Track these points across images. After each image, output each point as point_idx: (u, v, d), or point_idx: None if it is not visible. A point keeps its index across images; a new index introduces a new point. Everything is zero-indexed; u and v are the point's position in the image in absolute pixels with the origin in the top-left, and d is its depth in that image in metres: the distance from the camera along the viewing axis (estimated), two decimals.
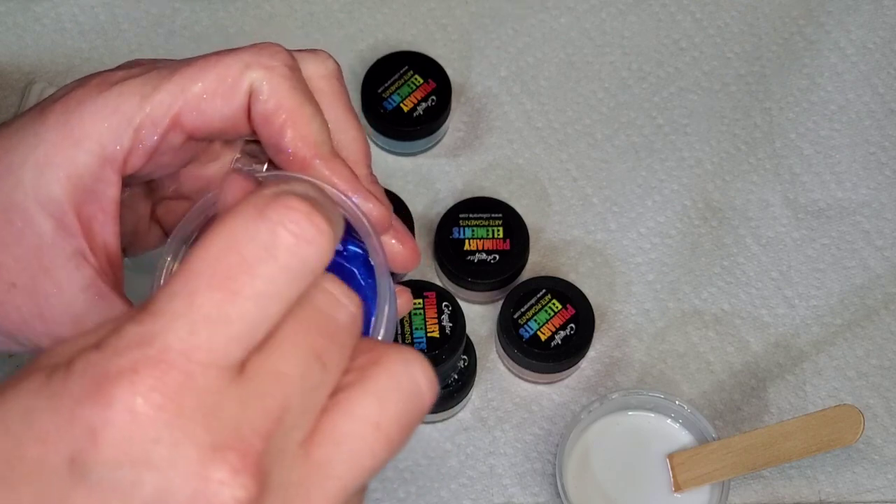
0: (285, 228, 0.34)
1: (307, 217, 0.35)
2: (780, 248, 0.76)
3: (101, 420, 0.33)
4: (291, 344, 0.35)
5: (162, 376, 0.33)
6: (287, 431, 0.34)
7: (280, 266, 0.34)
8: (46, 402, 0.34)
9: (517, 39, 0.81)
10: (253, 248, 0.34)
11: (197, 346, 0.33)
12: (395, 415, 0.36)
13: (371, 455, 0.35)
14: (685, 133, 0.79)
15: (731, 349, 0.73)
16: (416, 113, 0.75)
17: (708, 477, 0.67)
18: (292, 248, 0.34)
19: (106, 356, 0.33)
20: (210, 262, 0.34)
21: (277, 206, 0.34)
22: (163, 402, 0.33)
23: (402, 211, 0.72)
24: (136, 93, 0.46)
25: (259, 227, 0.34)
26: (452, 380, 0.69)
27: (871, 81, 0.81)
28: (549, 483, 0.70)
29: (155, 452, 0.33)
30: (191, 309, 0.34)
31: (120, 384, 0.33)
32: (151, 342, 0.33)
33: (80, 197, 0.46)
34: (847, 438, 0.66)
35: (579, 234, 0.76)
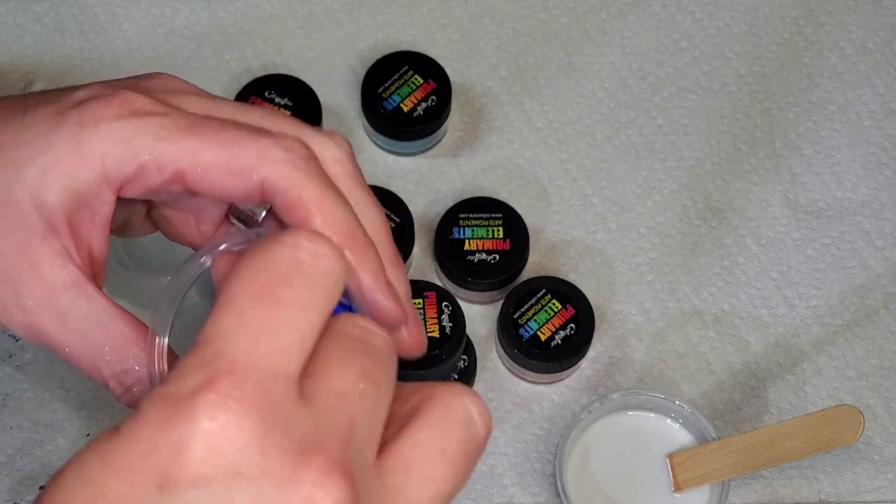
0: (302, 247, 0.37)
1: (317, 237, 0.38)
2: (780, 248, 0.76)
3: (185, 437, 0.33)
4: (341, 365, 0.37)
5: (238, 385, 0.33)
6: (359, 446, 0.35)
7: (308, 276, 0.37)
8: (121, 443, 0.33)
9: (517, 39, 0.81)
10: (280, 265, 0.36)
11: (260, 355, 0.34)
12: (457, 442, 0.38)
13: (441, 480, 0.37)
14: (685, 133, 0.79)
15: (731, 349, 0.73)
16: (416, 113, 0.75)
17: (708, 477, 0.67)
18: (313, 260, 0.37)
19: (174, 385, 0.34)
20: (246, 284, 0.36)
21: (290, 232, 0.37)
22: (243, 410, 0.33)
23: (402, 211, 0.72)
24: (151, 133, 0.46)
25: (279, 249, 0.37)
26: (452, 380, 0.69)
27: (871, 81, 0.81)
28: (549, 483, 0.70)
29: (244, 462, 0.33)
30: (243, 324, 0.35)
31: (199, 399, 0.33)
32: (218, 359, 0.34)
33: (75, 206, 0.47)
34: (847, 438, 0.66)
35: (579, 234, 0.76)
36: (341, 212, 0.47)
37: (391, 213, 0.72)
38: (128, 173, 0.47)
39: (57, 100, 0.48)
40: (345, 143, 0.50)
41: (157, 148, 0.46)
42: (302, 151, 0.47)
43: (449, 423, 0.38)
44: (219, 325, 0.35)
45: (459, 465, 0.38)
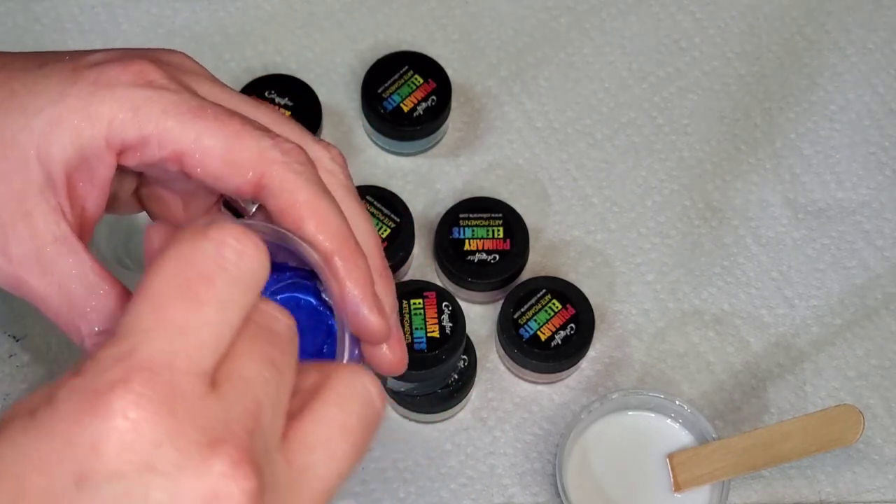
0: (228, 244, 0.37)
1: (244, 235, 0.38)
2: (780, 248, 0.76)
3: (101, 433, 0.33)
4: (248, 353, 0.37)
5: (151, 384, 0.34)
6: (265, 431, 0.36)
7: (232, 276, 0.37)
8: (38, 435, 0.34)
9: (517, 39, 0.81)
10: (205, 262, 0.37)
11: (175, 353, 0.35)
12: (357, 418, 0.39)
13: (343, 457, 0.38)
14: (685, 133, 0.79)
15: (731, 349, 0.73)
16: (416, 113, 0.75)
17: (708, 477, 0.67)
18: (238, 260, 0.37)
19: (89, 378, 0.35)
20: (169, 279, 0.36)
21: (216, 227, 0.38)
22: (157, 407, 0.34)
23: (402, 211, 0.72)
24: (159, 106, 0.47)
25: (205, 245, 0.37)
26: (452, 380, 0.69)
27: (871, 81, 0.81)
28: (549, 483, 0.70)
29: (159, 457, 0.34)
30: (162, 322, 0.36)
31: (113, 395, 0.34)
32: (133, 355, 0.35)
33: (75, 164, 0.47)
34: (847, 438, 0.66)
35: (579, 234, 0.76)
36: (334, 218, 0.47)
37: (391, 213, 0.72)
38: (130, 141, 0.47)
39: (75, 58, 0.49)
40: (340, 156, 0.51)
41: (162, 122, 0.47)
42: (300, 156, 0.47)
43: (349, 401, 0.39)
44: (138, 319, 0.36)
45: (360, 441, 0.39)
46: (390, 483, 0.70)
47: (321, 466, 0.38)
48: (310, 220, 0.47)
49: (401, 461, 0.70)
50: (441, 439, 0.71)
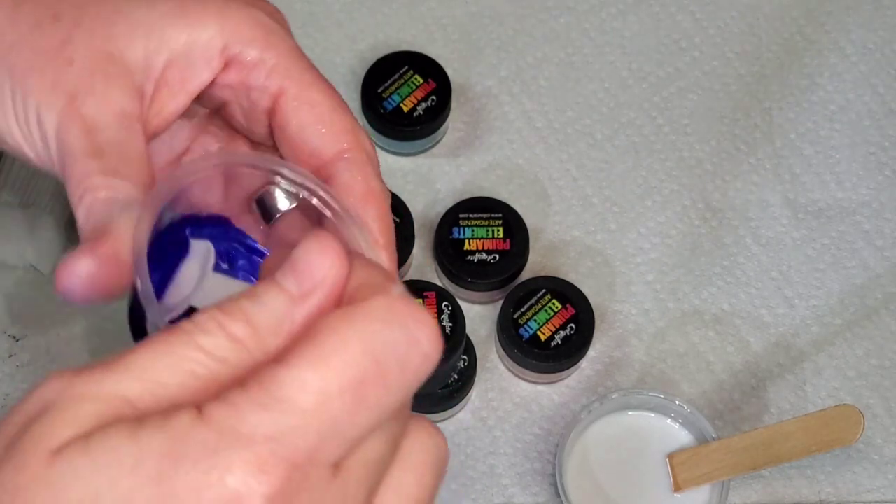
0: (421, 344, 0.35)
1: (437, 335, 0.35)
2: (780, 248, 0.76)
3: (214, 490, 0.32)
4: (384, 430, 0.35)
5: (284, 475, 0.32)
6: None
7: (407, 382, 0.35)
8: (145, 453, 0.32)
9: (517, 39, 0.81)
10: (389, 360, 0.34)
11: (321, 449, 0.33)
12: (431, 487, 0.38)
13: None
14: (685, 133, 0.79)
15: (731, 349, 0.73)
16: (416, 113, 0.75)
17: (708, 477, 0.67)
18: (421, 367, 0.35)
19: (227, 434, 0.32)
20: (346, 363, 0.33)
21: (412, 316, 0.35)
22: (283, 500, 0.32)
23: (402, 211, 0.72)
24: (287, 44, 0.48)
25: (397, 338, 0.34)
26: (452, 380, 0.69)
27: (871, 81, 0.81)
28: (549, 483, 0.70)
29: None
30: (321, 411, 0.33)
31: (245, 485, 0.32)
32: (281, 440, 0.32)
33: (181, 57, 0.47)
34: (847, 438, 0.66)
35: (579, 234, 0.76)
36: (388, 215, 0.48)
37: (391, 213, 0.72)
38: (246, 58, 0.47)
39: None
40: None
41: (284, 56, 0.47)
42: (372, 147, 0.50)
43: (427, 470, 0.38)
44: (301, 392, 0.33)
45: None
46: None
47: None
48: (372, 208, 0.47)
49: None
50: None
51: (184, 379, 0.34)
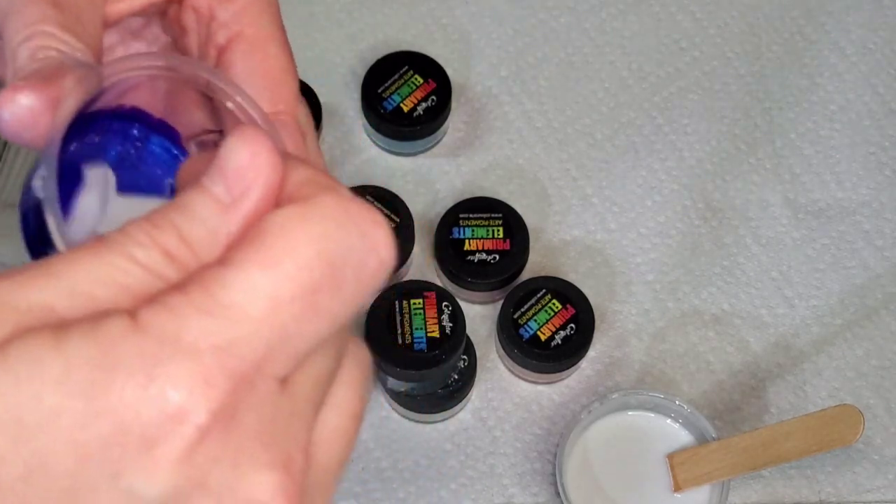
0: (376, 252, 0.32)
1: (392, 240, 0.32)
2: (780, 248, 0.76)
3: (162, 433, 0.29)
4: (332, 342, 0.33)
5: (231, 388, 0.30)
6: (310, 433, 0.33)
7: (361, 291, 0.32)
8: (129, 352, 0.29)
9: (517, 39, 0.81)
10: (344, 265, 0.31)
11: (270, 361, 0.30)
12: (364, 400, 0.35)
13: (351, 444, 0.34)
14: (685, 133, 0.79)
15: (731, 349, 0.73)
16: (416, 113, 0.75)
17: (708, 477, 0.67)
18: (376, 274, 0.32)
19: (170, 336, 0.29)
20: (300, 267, 0.30)
21: (369, 217, 0.32)
22: (228, 416, 0.30)
23: (402, 211, 0.72)
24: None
25: (353, 241, 0.31)
26: (452, 380, 0.69)
27: (871, 81, 0.81)
28: (549, 483, 0.70)
29: (213, 475, 0.30)
30: (272, 319, 0.30)
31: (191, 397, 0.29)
32: (228, 349, 0.30)
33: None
34: (847, 438, 0.66)
35: (579, 234, 0.76)
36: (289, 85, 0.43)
37: (391, 213, 0.72)
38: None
39: None
40: None
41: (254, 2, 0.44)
42: None
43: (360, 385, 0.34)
44: (251, 301, 0.30)
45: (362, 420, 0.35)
46: (390, 483, 0.70)
47: (336, 463, 0.34)
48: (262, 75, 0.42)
49: (401, 461, 0.70)
50: (441, 439, 0.71)
51: (116, 292, 0.30)
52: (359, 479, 0.69)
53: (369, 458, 0.70)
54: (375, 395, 0.71)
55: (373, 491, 0.69)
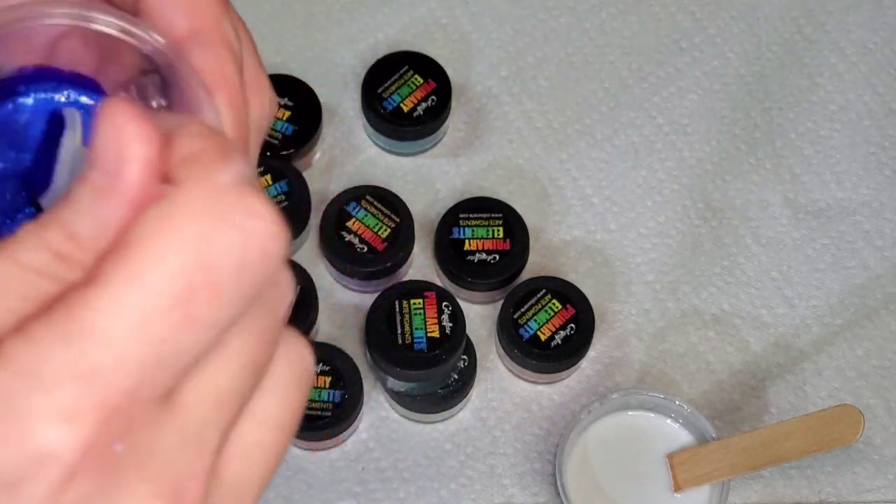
0: (258, 243, 0.28)
1: (277, 224, 0.29)
2: (780, 248, 0.76)
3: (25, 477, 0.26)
4: (235, 354, 0.29)
5: (100, 420, 0.27)
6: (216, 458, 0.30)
7: (246, 289, 0.29)
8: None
9: (517, 39, 0.81)
10: (220, 266, 0.28)
11: (145, 383, 0.27)
12: (298, 406, 0.32)
13: (277, 456, 0.31)
14: (685, 133, 0.79)
15: (731, 349, 0.73)
16: (416, 113, 0.75)
17: (708, 477, 0.67)
18: (261, 267, 0.29)
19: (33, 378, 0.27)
20: (168, 277, 0.27)
21: (244, 207, 0.29)
22: (99, 451, 0.27)
23: (402, 211, 0.72)
24: None
25: (229, 238, 0.28)
26: (452, 380, 0.69)
27: (871, 81, 0.81)
28: (549, 483, 0.70)
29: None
30: (141, 338, 0.27)
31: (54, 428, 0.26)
32: (93, 378, 0.27)
33: None
34: (847, 438, 0.66)
35: (579, 234, 0.76)
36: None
37: (391, 213, 0.72)
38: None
39: None
40: None
41: None
42: None
43: (291, 390, 0.31)
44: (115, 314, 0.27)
45: (293, 432, 0.32)
46: (390, 483, 0.70)
47: (254, 477, 0.31)
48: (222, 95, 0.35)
49: (401, 461, 0.70)
50: (441, 439, 0.71)
51: (12, 302, 0.28)
52: (359, 479, 0.70)
53: (369, 458, 0.70)
54: (375, 395, 0.71)
55: (373, 491, 0.69)
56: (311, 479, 0.69)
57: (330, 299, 0.74)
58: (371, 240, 0.71)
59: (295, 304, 0.69)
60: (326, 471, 0.70)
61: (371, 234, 0.71)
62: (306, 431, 0.68)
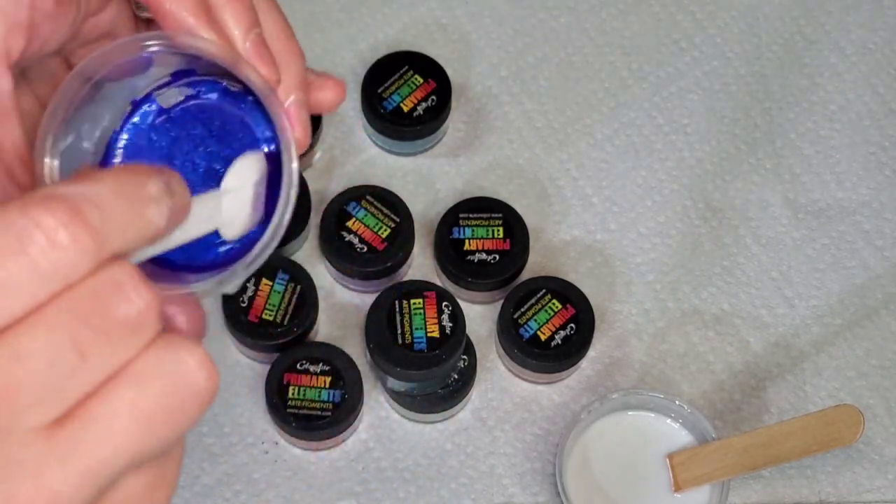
0: (42, 229, 0.33)
1: (66, 225, 0.33)
2: (780, 248, 0.76)
3: None
4: (47, 328, 0.33)
5: None
6: (17, 413, 0.33)
7: (29, 262, 0.33)
8: None
9: (517, 39, 0.81)
10: (5, 237, 0.32)
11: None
12: (156, 398, 0.35)
13: (125, 435, 0.34)
14: (685, 133, 0.79)
15: (731, 349, 0.73)
16: (416, 113, 0.75)
17: (708, 477, 0.67)
18: (45, 248, 0.33)
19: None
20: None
21: (41, 206, 0.33)
22: None
23: (402, 211, 0.72)
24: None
25: (17, 220, 0.33)
26: (452, 380, 0.69)
27: (871, 81, 0.81)
28: (549, 483, 0.70)
29: None
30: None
31: None
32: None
33: None
34: (847, 438, 0.66)
35: (579, 234, 0.76)
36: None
37: (391, 213, 0.72)
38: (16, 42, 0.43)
39: None
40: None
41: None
42: None
43: (150, 379, 0.35)
44: None
45: (155, 421, 0.35)
46: (390, 483, 0.70)
47: (88, 444, 0.34)
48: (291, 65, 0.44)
49: (401, 461, 0.70)
50: (441, 439, 0.71)
51: None
52: (359, 479, 0.70)
53: (369, 458, 0.70)
54: (375, 395, 0.71)
55: (373, 491, 0.69)
56: (311, 479, 0.69)
57: (330, 299, 0.74)
58: (371, 240, 0.71)
59: (295, 305, 0.69)
60: (326, 471, 0.70)
61: (371, 234, 0.71)
62: (306, 431, 0.68)
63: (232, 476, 0.69)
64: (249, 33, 0.46)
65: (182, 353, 0.35)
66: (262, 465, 0.70)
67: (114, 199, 0.35)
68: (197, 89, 0.48)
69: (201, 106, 0.48)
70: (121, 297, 0.34)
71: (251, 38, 0.46)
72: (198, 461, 0.69)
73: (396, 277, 0.73)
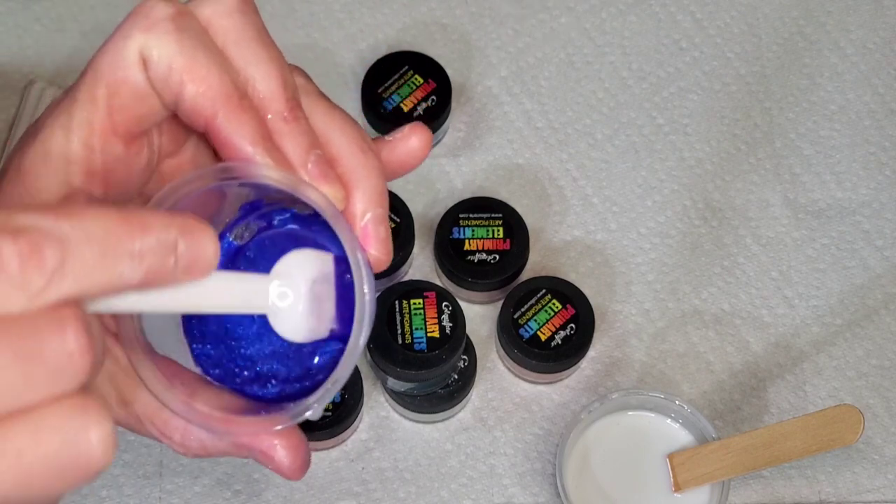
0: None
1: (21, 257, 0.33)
2: (780, 248, 0.76)
3: None
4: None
5: None
6: None
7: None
8: None
9: (517, 39, 0.81)
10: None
11: None
12: (45, 454, 0.34)
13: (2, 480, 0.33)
14: (685, 133, 0.79)
15: (731, 349, 0.73)
16: (416, 113, 0.75)
17: (708, 477, 0.67)
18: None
19: None
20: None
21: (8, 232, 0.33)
22: None
23: (402, 211, 0.72)
24: (58, 129, 0.44)
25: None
26: (452, 380, 0.69)
27: (871, 81, 0.81)
28: (549, 483, 0.70)
29: None
30: None
31: None
32: None
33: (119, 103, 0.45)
34: (847, 438, 0.66)
35: (579, 234, 0.76)
36: (214, 74, 0.43)
37: (391, 213, 0.72)
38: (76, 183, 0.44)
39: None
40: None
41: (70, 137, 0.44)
42: (167, 12, 0.44)
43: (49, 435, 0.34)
44: None
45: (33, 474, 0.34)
46: (390, 483, 0.70)
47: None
48: (188, 83, 0.43)
49: (401, 461, 0.70)
50: (441, 439, 0.71)
51: None
52: (359, 479, 0.70)
53: (369, 458, 0.70)
54: (375, 395, 0.71)
55: (373, 491, 0.69)
56: (311, 479, 0.69)
57: None
58: None
59: None
60: (326, 471, 0.70)
61: None
62: (306, 431, 0.68)
63: (232, 476, 0.69)
64: (310, 154, 0.45)
65: (90, 423, 0.34)
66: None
67: (84, 244, 0.34)
68: (268, 220, 0.48)
69: (273, 237, 0.48)
70: (56, 336, 0.33)
71: (312, 159, 0.45)
72: (198, 461, 0.69)
73: (396, 277, 0.73)
